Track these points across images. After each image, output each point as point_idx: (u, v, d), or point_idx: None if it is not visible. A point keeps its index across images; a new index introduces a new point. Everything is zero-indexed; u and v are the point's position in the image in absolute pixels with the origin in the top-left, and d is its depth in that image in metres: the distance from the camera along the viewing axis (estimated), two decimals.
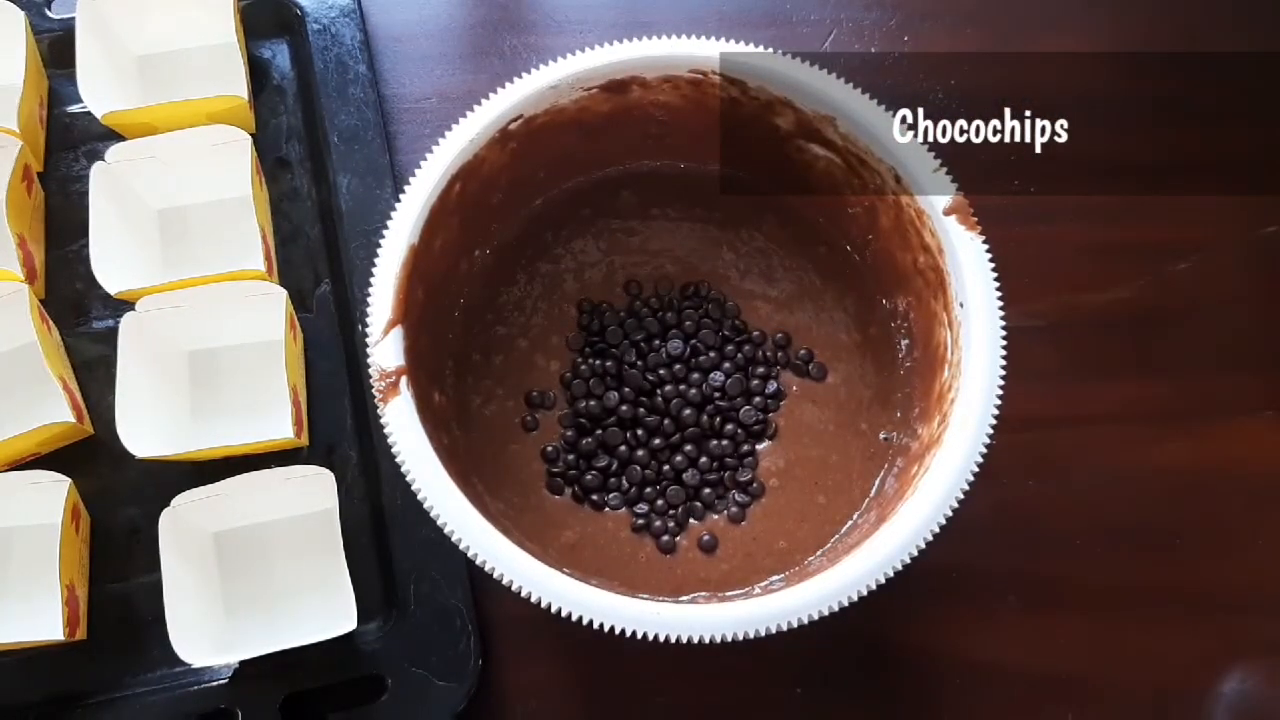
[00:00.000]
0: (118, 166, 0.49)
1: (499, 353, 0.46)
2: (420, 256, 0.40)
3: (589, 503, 0.44)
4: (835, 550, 0.42)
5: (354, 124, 0.53)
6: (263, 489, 0.44)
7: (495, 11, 0.60)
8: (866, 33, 0.59)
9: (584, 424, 0.45)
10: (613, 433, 0.44)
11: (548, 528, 0.43)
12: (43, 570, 0.43)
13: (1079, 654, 0.46)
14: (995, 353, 0.38)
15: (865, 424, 0.45)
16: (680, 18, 0.59)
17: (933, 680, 0.46)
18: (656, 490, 0.44)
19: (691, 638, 0.34)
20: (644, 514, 0.43)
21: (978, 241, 0.39)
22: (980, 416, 0.37)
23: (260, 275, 0.47)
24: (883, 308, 0.46)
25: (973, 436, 0.37)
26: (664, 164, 0.48)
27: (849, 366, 0.46)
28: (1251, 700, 0.46)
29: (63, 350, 0.49)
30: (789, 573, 0.42)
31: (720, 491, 0.44)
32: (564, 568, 0.36)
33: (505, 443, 0.44)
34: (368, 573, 0.45)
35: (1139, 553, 0.48)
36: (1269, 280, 0.55)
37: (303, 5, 0.56)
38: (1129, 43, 0.60)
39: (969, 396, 0.38)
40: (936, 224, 0.40)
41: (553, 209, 0.48)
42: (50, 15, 0.55)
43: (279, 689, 0.43)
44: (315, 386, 0.49)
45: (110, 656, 0.44)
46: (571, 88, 0.42)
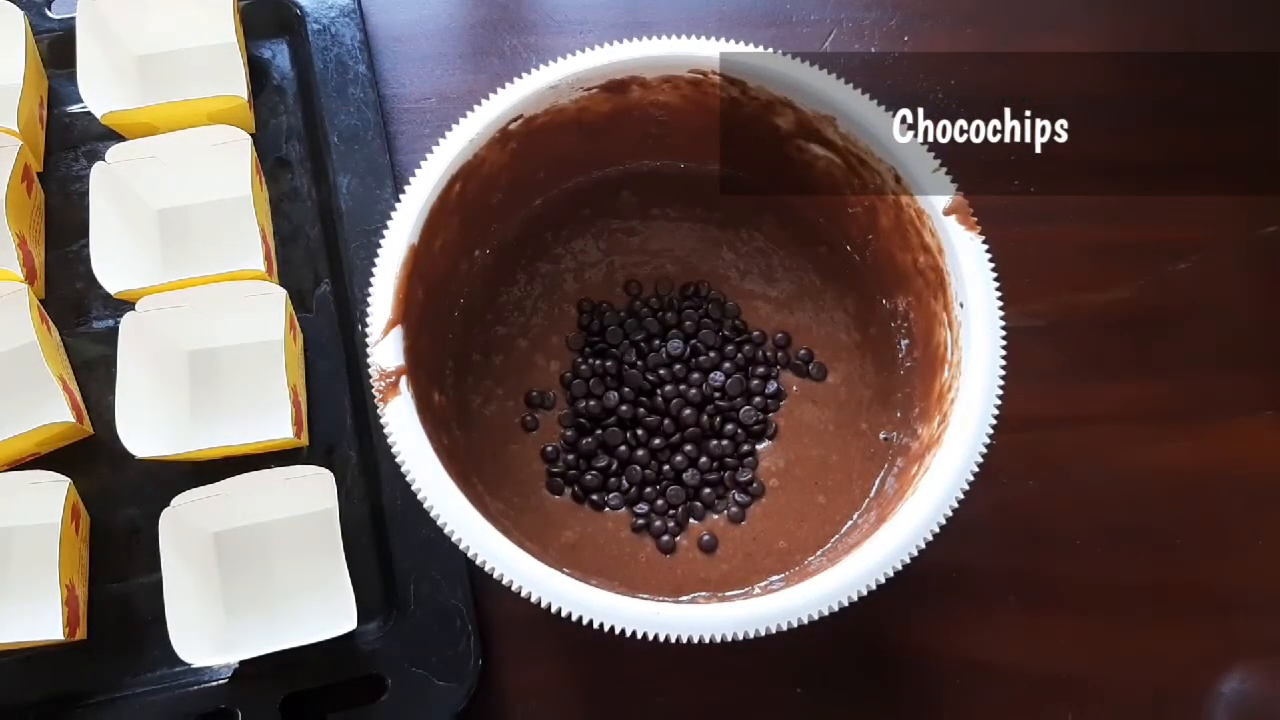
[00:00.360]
0: (118, 166, 0.49)
1: (499, 353, 0.46)
2: (420, 256, 0.40)
3: (589, 503, 0.44)
4: (835, 550, 0.42)
5: (354, 124, 0.53)
6: (263, 489, 0.44)
7: (495, 11, 0.60)
8: (866, 33, 0.59)
9: (584, 424, 0.45)
10: (613, 433, 0.44)
11: (548, 528, 0.43)
12: (43, 570, 0.43)
13: (1079, 654, 0.47)
14: (995, 353, 0.38)
15: (865, 424, 0.45)
16: (680, 18, 0.59)
17: (933, 680, 0.46)
18: (656, 490, 0.44)
19: (691, 638, 0.34)
20: (644, 514, 0.43)
21: (978, 241, 0.39)
22: (980, 416, 0.37)
23: (260, 275, 0.47)
24: (883, 308, 0.46)
25: (973, 436, 0.37)
26: (664, 164, 0.48)
27: (849, 366, 0.46)
28: (1251, 700, 0.46)
29: (63, 350, 0.49)
30: (789, 573, 0.42)
31: (720, 491, 0.44)
32: (564, 568, 0.36)
33: (505, 443, 0.44)
34: (368, 573, 0.45)
35: (1139, 553, 0.48)
36: (1269, 280, 0.55)
37: (303, 5, 0.56)
38: (1129, 43, 0.60)
39: (969, 396, 0.38)
40: (936, 224, 0.40)
41: (553, 209, 0.48)
42: (50, 15, 0.55)
43: (279, 689, 0.43)
44: (315, 386, 0.49)
45: (110, 656, 0.44)
46: (571, 88, 0.42)
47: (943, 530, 0.36)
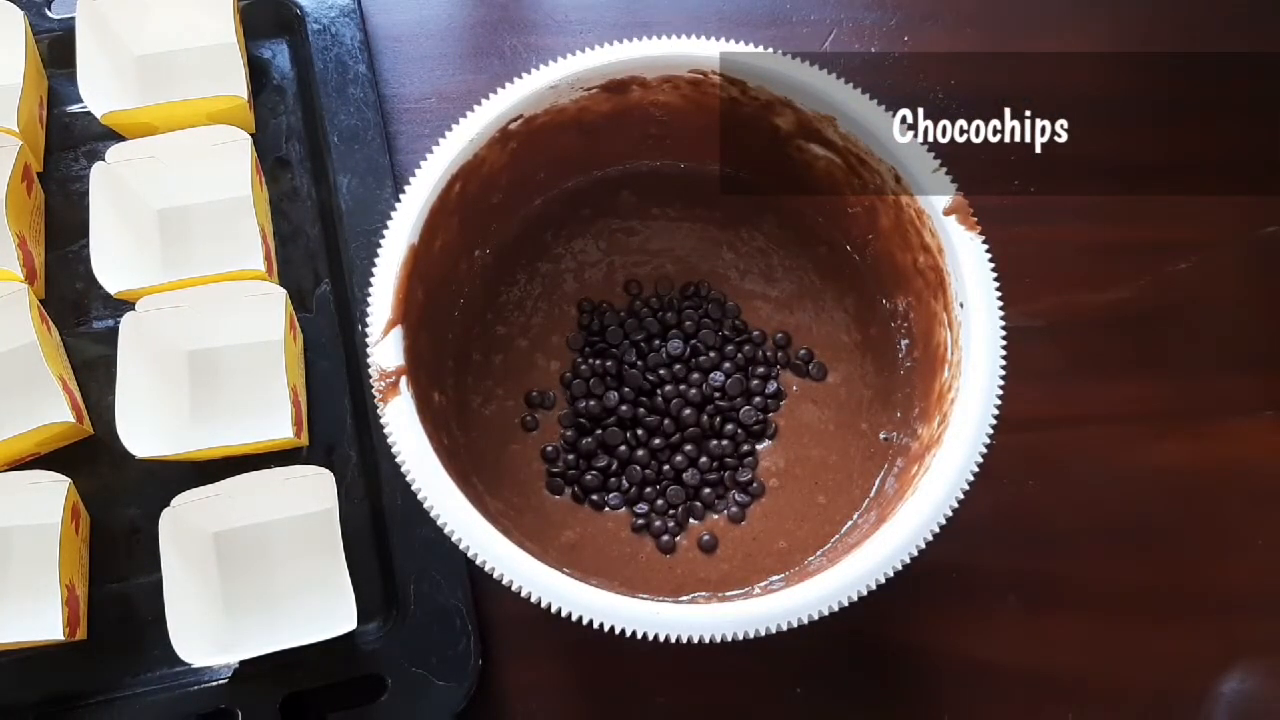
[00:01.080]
0: (118, 166, 0.49)
1: (499, 353, 0.46)
2: (420, 256, 0.40)
3: (589, 503, 0.44)
4: (835, 550, 0.42)
5: (354, 124, 0.53)
6: (263, 489, 0.44)
7: (495, 11, 0.60)
8: (866, 33, 0.59)
9: (584, 424, 0.45)
10: (613, 433, 0.44)
11: (548, 528, 0.43)
12: (43, 570, 0.43)
13: (1079, 654, 0.47)
14: (995, 353, 0.38)
15: (865, 424, 0.45)
16: (680, 18, 0.59)
17: (933, 680, 0.46)
18: (656, 490, 0.44)
19: (691, 638, 0.34)
20: (644, 514, 0.43)
21: (977, 241, 0.39)
22: (980, 416, 0.37)
23: (260, 275, 0.47)
24: (883, 308, 0.46)
25: (973, 436, 0.37)
26: (664, 164, 0.48)
27: (849, 366, 0.46)
28: (1251, 700, 0.46)
29: (63, 350, 0.49)
30: (789, 573, 0.42)
31: (720, 491, 0.44)
32: (564, 568, 0.36)
33: (505, 443, 0.44)
34: (368, 573, 0.45)
35: (1139, 553, 0.48)
36: (1269, 280, 0.55)
37: (303, 5, 0.56)
38: (1129, 43, 0.60)
39: (969, 396, 0.38)
40: (936, 224, 0.40)
41: (553, 209, 0.48)
42: (50, 15, 0.55)
43: (279, 689, 0.43)
44: (315, 386, 0.49)
45: (110, 656, 0.44)
46: (571, 88, 0.42)
47: (943, 530, 0.36)
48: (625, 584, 0.41)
